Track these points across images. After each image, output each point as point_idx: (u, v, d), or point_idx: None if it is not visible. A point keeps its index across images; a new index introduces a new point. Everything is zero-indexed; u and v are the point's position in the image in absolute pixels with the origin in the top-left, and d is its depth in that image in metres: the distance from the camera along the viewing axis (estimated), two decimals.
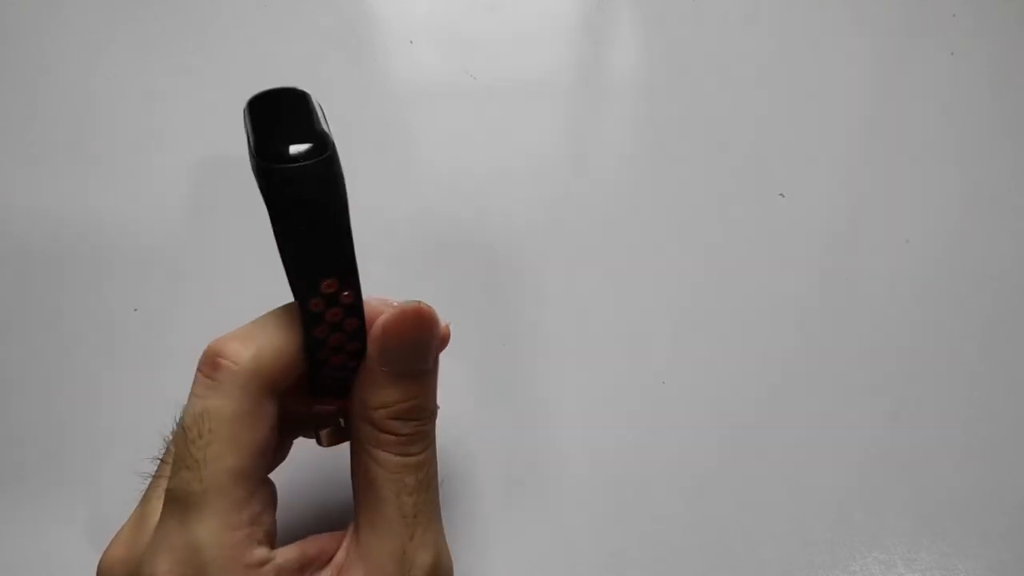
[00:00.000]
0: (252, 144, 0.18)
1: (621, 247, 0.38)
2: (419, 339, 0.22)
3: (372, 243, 0.37)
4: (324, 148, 0.18)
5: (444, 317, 0.37)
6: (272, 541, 0.22)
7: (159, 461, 0.23)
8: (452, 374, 0.35)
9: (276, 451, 0.23)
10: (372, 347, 0.22)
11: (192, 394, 0.21)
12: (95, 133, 0.40)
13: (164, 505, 0.21)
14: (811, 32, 0.44)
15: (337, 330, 0.21)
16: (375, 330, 0.22)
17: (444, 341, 0.26)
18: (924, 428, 0.34)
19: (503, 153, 0.40)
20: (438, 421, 0.24)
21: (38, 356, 0.35)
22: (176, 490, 0.20)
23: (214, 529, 0.20)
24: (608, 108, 0.42)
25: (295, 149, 0.18)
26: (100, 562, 0.22)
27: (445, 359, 0.34)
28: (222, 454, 0.20)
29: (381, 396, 0.22)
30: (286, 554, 0.21)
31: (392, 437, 0.22)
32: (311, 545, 0.22)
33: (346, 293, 0.20)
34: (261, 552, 0.20)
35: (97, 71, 0.41)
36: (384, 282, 0.36)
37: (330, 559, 0.22)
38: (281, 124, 0.19)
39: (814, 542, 0.32)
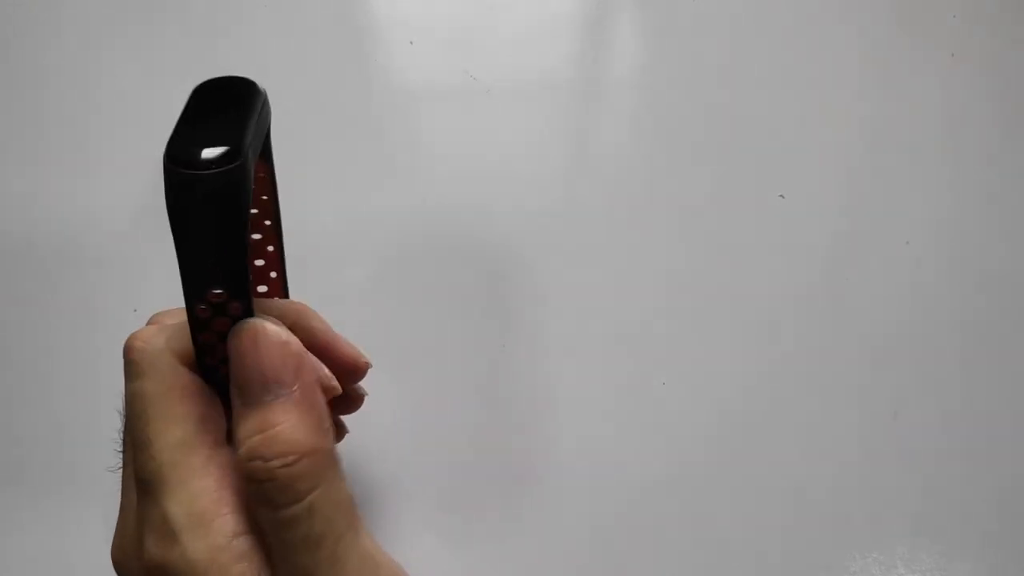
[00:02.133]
0: (171, 137, 0.18)
1: (621, 247, 0.38)
2: (263, 359, 0.19)
3: (372, 243, 0.37)
4: (235, 157, 0.17)
5: (443, 317, 0.37)
6: (246, 507, 0.20)
7: (123, 451, 0.23)
8: (452, 374, 0.35)
9: (224, 417, 0.22)
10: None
11: (125, 384, 0.22)
12: (95, 133, 0.40)
13: (136, 489, 0.21)
14: (811, 32, 0.44)
15: (223, 339, 0.20)
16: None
17: (359, 375, 0.25)
18: (924, 428, 0.34)
19: (503, 153, 0.40)
20: (435, 422, 0.24)
21: (38, 356, 0.35)
22: (139, 471, 0.21)
23: (180, 499, 0.19)
24: (608, 108, 0.42)
25: (206, 154, 0.17)
26: (111, 554, 0.22)
27: (445, 359, 0.35)
28: (163, 430, 0.20)
29: (236, 429, 0.19)
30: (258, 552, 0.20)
31: (255, 486, 0.19)
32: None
33: (235, 304, 0.19)
34: (233, 520, 0.19)
35: (96, 70, 0.41)
36: (384, 282, 0.36)
37: None
38: (206, 123, 0.19)
39: (814, 542, 0.32)
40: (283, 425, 0.19)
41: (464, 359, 0.35)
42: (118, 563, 0.22)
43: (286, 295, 0.27)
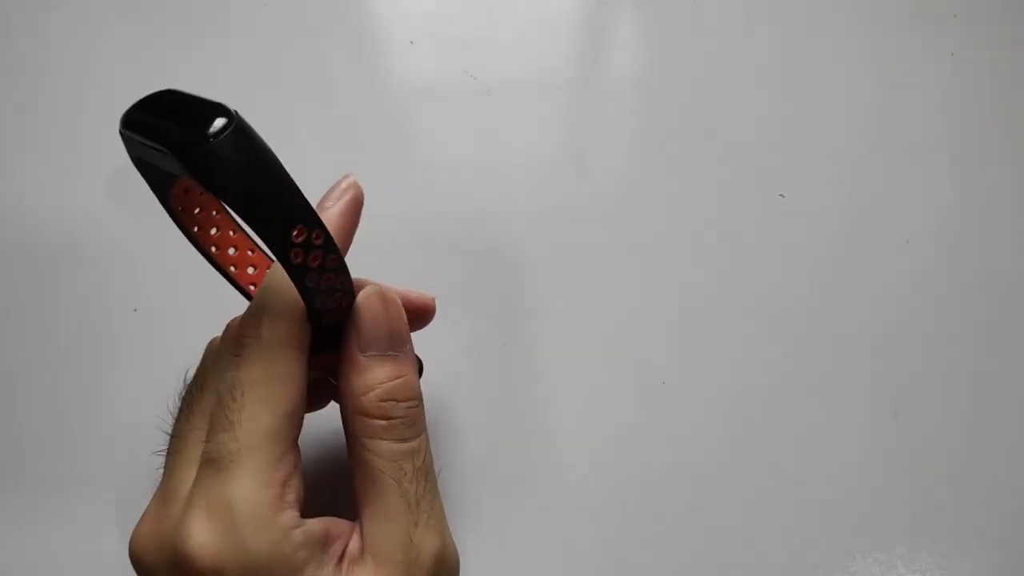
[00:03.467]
0: (164, 144, 0.18)
1: (621, 247, 0.38)
2: (385, 320, 0.23)
3: (372, 243, 0.37)
4: (228, 116, 0.18)
5: (443, 317, 0.37)
6: (301, 508, 0.22)
7: (173, 437, 0.23)
8: (452, 374, 0.35)
9: (303, 414, 0.24)
10: (348, 336, 0.23)
11: (223, 369, 0.22)
12: (95, 133, 0.40)
13: (200, 469, 0.21)
14: (811, 32, 0.44)
15: (324, 271, 0.21)
16: (353, 318, 0.23)
17: (430, 313, 0.28)
18: (924, 428, 0.34)
19: (503, 153, 0.40)
20: (436, 422, 0.24)
21: (38, 356, 0.35)
22: (212, 451, 0.21)
23: (249, 486, 0.20)
24: (608, 108, 0.42)
25: (206, 128, 0.18)
26: (131, 539, 0.22)
27: (445, 359, 0.35)
28: (256, 414, 0.21)
29: (366, 379, 0.23)
30: (314, 525, 0.22)
31: (385, 422, 0.23)
32: (335, 525, 0.23)
33: (315, 233, 0.21)
34: (292, 515, 0.21)
35: (95, 70, 0.41)
36: (383, 282, 0.36)
37: (347, 544, 0.23)
38: (174, 117, 0.19)
39: (814, 542, 0.32)
40: (410, 375, 0.24)
41: (464, 358, 0.35)
42: (142, 549, 0.22)
43: (272, 261, 0.27)
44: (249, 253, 0.27)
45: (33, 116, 0.40)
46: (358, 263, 0.37)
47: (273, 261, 0.27)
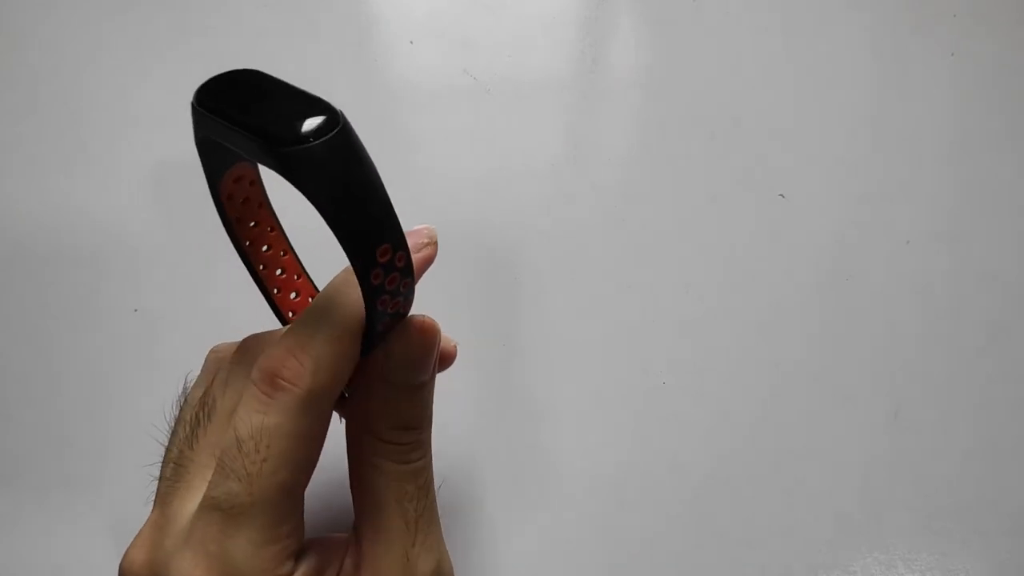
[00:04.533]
0: (257, 133, 0.17)
1: (621, 247, 0.38)
2: (424, 352, 0.23)
3: None
4: (335, 116, 0.17)
5: (443, 317, 0.37)
6: (298, 554, 0.22)
7: (173, 463, 0.23)
8: (452, 375, 0.35)
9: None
10: (380, 361, 0.22)
11: (250, 409, 0.20)
12: (96, 133, 0.40)
13: (202, 510, 0.20)
14: (811, 32, 0.44)
15: (396, 295, 0.20)
16: (388, 343, 0.22)
17: (451, 358, 0.27)
18: (924, 428, 0.34)
19: (503, 153, 0.40)
20: (436, 423, 0.24)
21: (38, 356, 0.35)
22: (221, 499, 0.20)
23: (254, 542, 0.20)
24: (608, 108, 0.42)
25: (308, 126, 0.17)
26: (121, 565, 0.22)
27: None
28: (276, 470, 0.20)
29: (386, 408, 0.22)
30: (307, 565, 0.21)
31: (393, 447, 0.22)
32: (325, 551, 0.22)
33: (399, 255, 0.19)
34: (290, 565, 0.21)
35: (96, 71, 0.41)
36: None
37: (340, 566, 0.22)
38: (270, 104, 0.18)
39: (814, 542, 0.32)
40: (428, 406, 0.24)
41: (464, 358, 0.35)
42: (133, 571, 0.21)
43: (317, 291, 0.27)
44: (282, 254, 0.26)
45: (33, 116, 0.40)
46: None
47: (318, 291, 0.26)
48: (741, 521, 0.32)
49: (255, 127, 0.17)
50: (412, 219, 0.38)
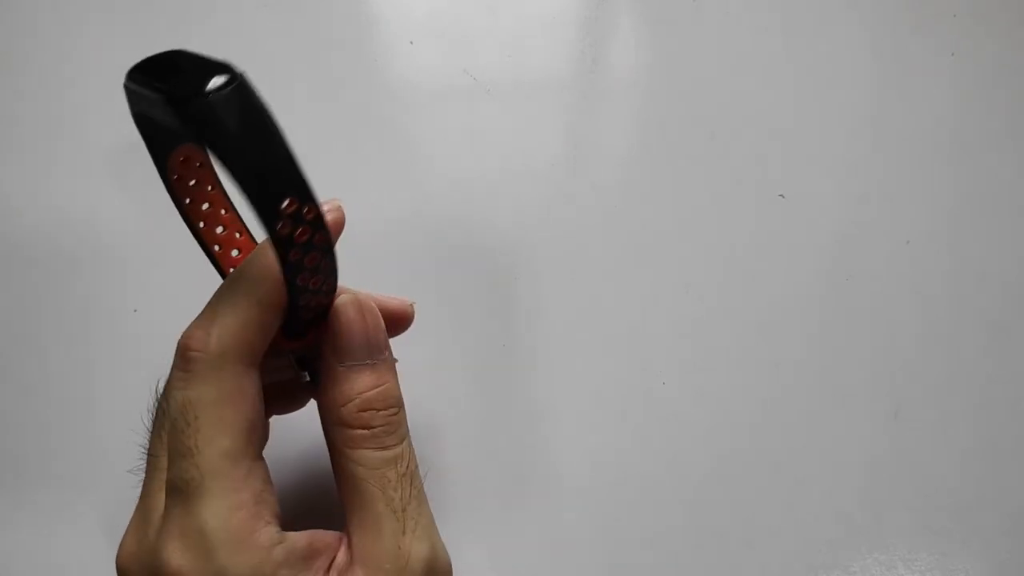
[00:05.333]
0: (166, 93, 0.18)
1: (621, 248, 0.38)
2: (364, 327, 0.23)
3: (371, 243, 0.37)
4: (230, 72, 0.18)
5: (443, 317, 0.37)
6: (278, 520, 0.22)
7: (148, 455, 0.23)
8: (453, 375, 0.35)
9: (264, 427, 0.23)
10: (324, 347, 0.23)
11: (172, 388, 0.21)
12: (96, 133, 0.40)
13: (167, 496, 0.21)
14: (811, 32, 0.44)
15: (309, 248, 0.20)
16: (329, 328, 0.23)
17: (407, 320, 0.27)
18: (924, 428, 0.34)
19: (503, 153, 0.40)
20: (437, 424, 0.24)
21: (38, 356, 0.35)
22: (175, 479, 0.21)
23: (218, 512, 0.20)
24: (608, 108, 0.42)
25: (212, 83, 0.18)
26: (117, 556, 0.22)
27: (446, 360, 0.35)
28: (212, 438, 0.20)
29: (345, 390, 0.22)
30: (296, 540, 0.21)
31: (366, 432, 0.22)
32: (319, 538, 0.22)
33: (307, 208, 0.20)
34: (270, 532, 0.21)
35: (95, 71, 0.41)
36: (384, 283, 0.36)
37: (334, 558, 0.22)
38: (182, 70, 0.19)
39: (814, 542, 0.32)
40: (389, 383, 0.23)
41: (465, 359, 0.35)
42: (125, 569, 0.22)
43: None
44: (237, 235, 0.26)
45: (32, 116, 0.40)
46: (358, 262, 0.37)
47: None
48: (741, 521, 0.32)
49: (164, 90, 0.18)
50: (412, 219, 0.38)
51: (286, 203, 0.19)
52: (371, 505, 0.22)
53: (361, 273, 0.37)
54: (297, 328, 0.23)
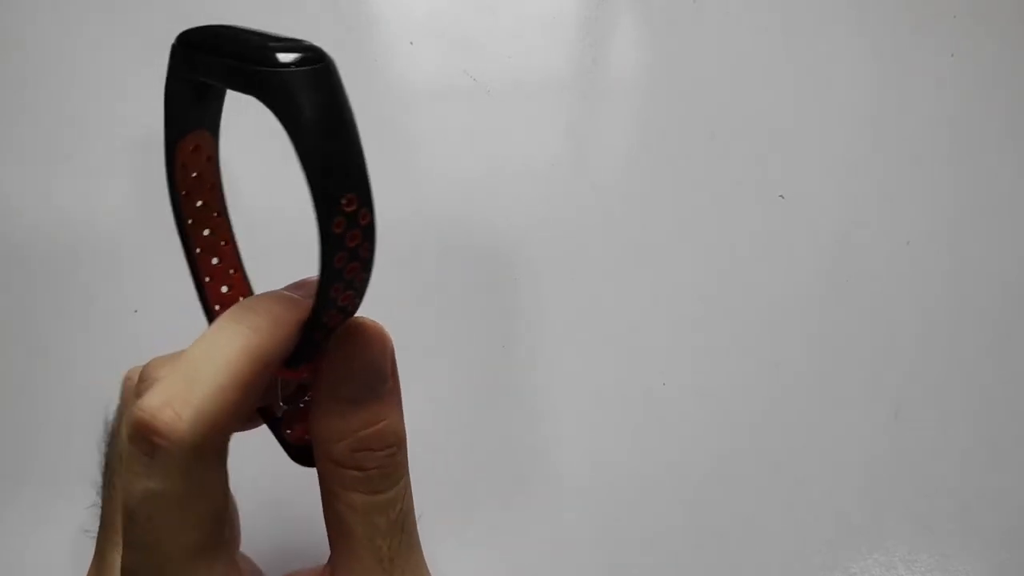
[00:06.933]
0: (243, 59, 0.17)
1: (621, 248, 0.38)
2: (369, 357, 0.20)
3: None
4: (320, 53, 0.17)
5: (443, 317, 0.37)
6: None
7: (101, 509, 0.21)
8: (453, 376, 0.35)
9: (233, 509, 0.21)
10: (320, 373, 0.20)
11: (131, 472, 0.17)
12: (96, 133, 0.40)
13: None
14: (811, 32, 0.44)
15: (353, 259, 0.19)
16: (327, 353, 0.20)
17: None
18: (924, 428, 0.34)
19: (503, 153, 0.40)
20: (437, 424, 0.24)
21: (38, 357, 0.35)
22: (133, 570, 0.18)
23: None
24: (608, 108, 0.42)
25: (292, 56, 0.17)
26: None
27: (446, 361, 0.35)
28: (173, 535, 0.18)
29: (338, 426, 0.19)
30: None
31: (357, 474, 0.20)
32: None
33: (364, 212, 0.18)
34: None
35: (93, 70, 0.41)
36: (384, 283, 0.36)
37: None
38: (257, 40, 0.18)
39: (814, 542, 0.32)
40: (389, 420, 0.20)
41: (465, 359, 0.35)
42: None
43: (251, 292, 0.25)
44: (231, 272, 0.24)
45: (32, 116, 0.40)
46: None
47: (251, 292, 0.24)
48: (741, 521, 0.32)
49: (241, 54, 0.17)
50: (412, 219, 0.38)
51: (346, 200, 0.18)
52: (357, 551, 0.20)
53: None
54: (309, 352, 0.20)
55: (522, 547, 0.32)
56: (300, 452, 0.23)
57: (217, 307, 0.25)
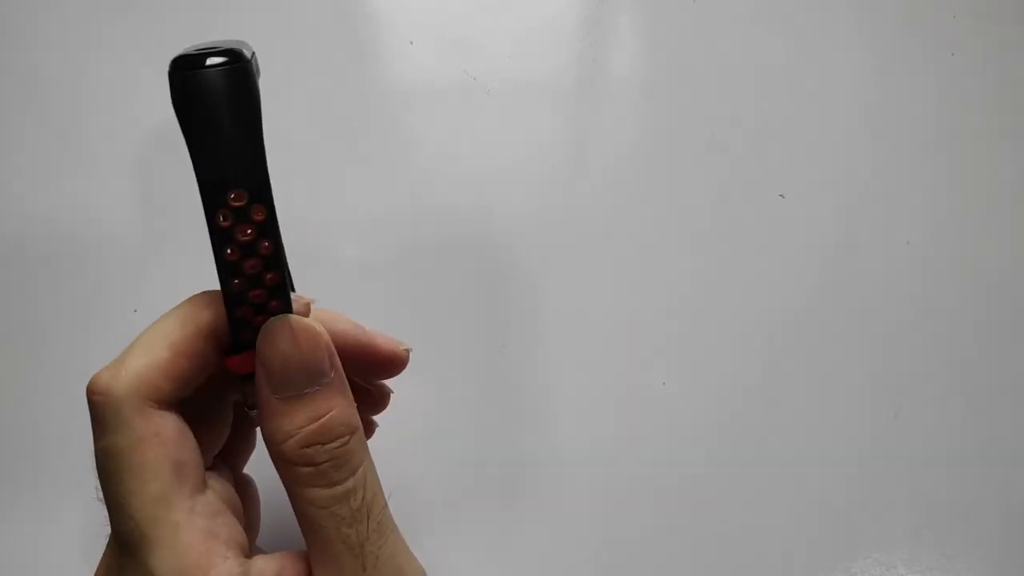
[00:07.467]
0: (172, 64, 0.18)
1: (621, 248, 0.38)
2: (297, 353, 0.20)
3: (371, 244, 0.37)
4: (230, 55, 0.18)
5: (443, 318, 0.37)
6: (242, 544, 0.21)
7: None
8: (452, 376, 0.35)
9: (199, 462, 0.21)
10: (258, 376, 0.20)
11: (93, 437, 0.20)
12: (96, 133, 0.40)
13: (118, 548, 0.20)
14: (811, 32, 0.44)
15: (251, 254, 0.19)
16: (258, 355, 0.20)
17: (401, 364, 0.25)
18: (924, 428, 0.34)
19: (503, 153, 0.40)
20: (436, 425, 0.24)
21: (38, 357, 0.35)
22: (116, 533, 0.20)
23: (165, 558, 0.19)
24: (608, 108, 0.42)
25: (210, 60, 0.18)
26: None
27: (445, 360, 0.35)
28: (137, 486, 0.19)
29: (282, 425, 0.20)
30: (262, 569, 0.20)
31: (310, 469, 0.20)
32: (291, 564, 0.21)
33: (257, 208, 0.18)
34: (229, 567, 0.19)
35: (93, 70, 0.41)
36: (383, 283, 0.36)
37: None
38: (198, 49, 0.19)
39: (815, 542, 0.32)
40: (335, 410, 0.20)
41: (465, 360, 0.35)
42: None
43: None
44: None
45: (32, 116, 0.40)
46: (357, 263, 0.37)
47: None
48: (741, 521, 0.32)
49: (173, 64, 0.18)
50: (412, 219, 0.38)
51: (233, 195, 0.18)
52: (326, 543, 0.20)
53: (360, 274, 0.37)
54: (237, 347, 0.21)
55: (522, 547, 0.32)
56: None
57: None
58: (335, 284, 0.36)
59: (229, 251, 0.19)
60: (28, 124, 0.40)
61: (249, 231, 0.19)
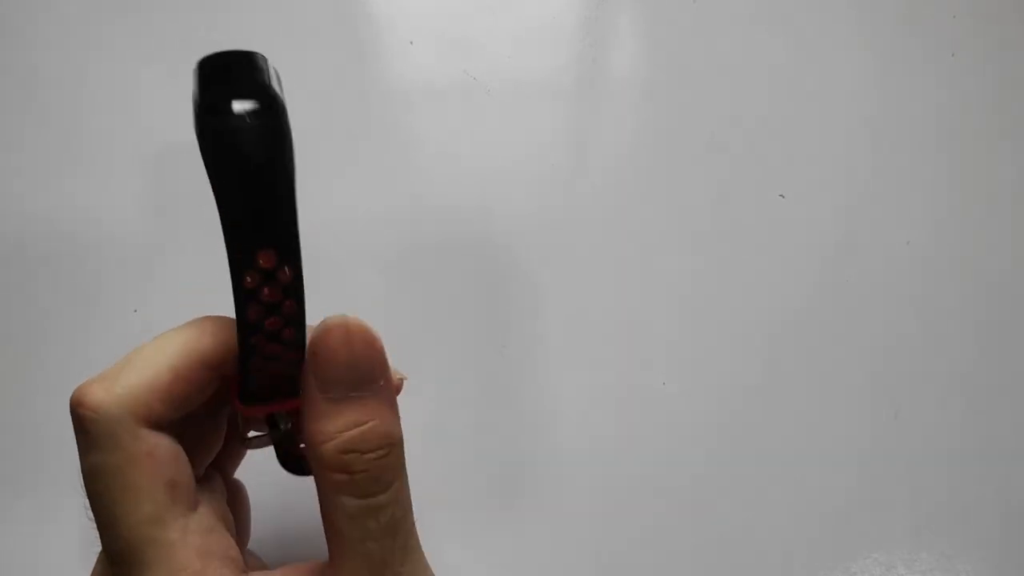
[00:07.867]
0: (195, 99, 0.17)
1: (621, 247, 0.38)
2: (349, 356, 0.19)
3: (370, 245, 0.37)
4: (270, 104, 0.16)
5: (442, 318, 0.37)
6: (237, 560, 0.20)
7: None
8: (452, 376, 0.35)
9: (190, 478, 0.20)
10: (308, 372, 0.20)
11: (79, 451, 0.19)
12: (96, 133, 0.40)
13: (111, 568, 0.20)
14: (811, 32, 0.44)
15: (273, 313, 0.18)
16: (308, 351, 0.20)
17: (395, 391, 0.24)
18: (924, 428, 0.34)
19: (503, 153, 0.40)
20: (436, 425, 0.24)
21: (38, 357, 0.35)
22: (107, 552, 0.19)
23: None
24: (608, 108, 0.42)
25: (238, 105, 0.16)
26: None
27: (445, 360, 0.35)
28: (130, 507, 0.19)
29: (324, 426, 0.19)
30: None
31: (346, 477, 0.19)
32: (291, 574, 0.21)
33: (285, 269, 0.18)
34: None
35: (93, 70, 0.41)
36: (383, 283, 0.36)
37: None
38: (228, 81, 0.17)
39: (814, 542, 0.32)
40: (379, 420, 0.19)
41: (464, 360, 0.35)
42: None
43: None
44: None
45: (32, 116, 0.40)
46: (357, 263, 0.37)
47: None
48: (741, 521, 0.32)
49: (196, 96, 0.17)
50: (412, 219, 0.38)
51: (263, 257, 0.17)
52: (349, 555, 0.20)
53: (360, 274, 0.37)
54: (250, 395, 0.20)
55: (522, 547, 0.32)
56: (286, 457, 0.23)
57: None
58: (335, 284, 0.36)
59: (252, 311, 0.18)
60: (28, 124, 0.40)
61: (275, 293, 0.18)
